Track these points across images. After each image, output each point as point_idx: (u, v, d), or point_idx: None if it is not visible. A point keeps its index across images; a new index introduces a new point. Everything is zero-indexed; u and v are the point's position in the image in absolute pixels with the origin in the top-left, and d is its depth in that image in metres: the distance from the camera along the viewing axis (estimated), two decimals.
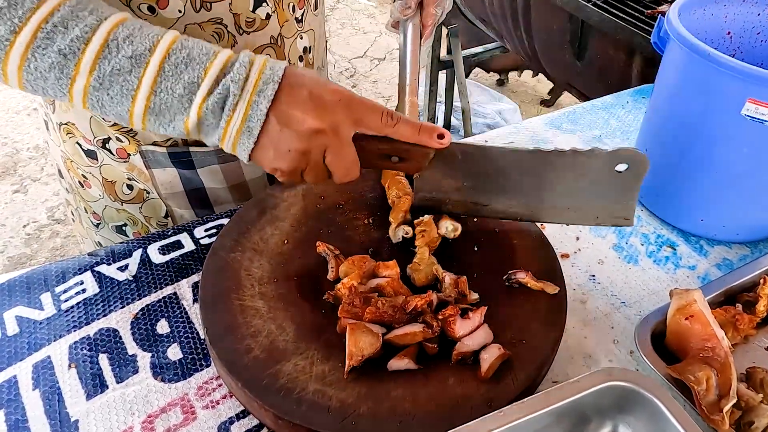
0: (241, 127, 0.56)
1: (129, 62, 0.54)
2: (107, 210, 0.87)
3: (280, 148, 0.57)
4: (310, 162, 0.59)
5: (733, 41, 0.86)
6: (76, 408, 0.59)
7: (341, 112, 0.58)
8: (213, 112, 0.55)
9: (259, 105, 0.55)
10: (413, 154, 0.63)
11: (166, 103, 0.55)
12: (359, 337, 0.57)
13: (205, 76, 0.55)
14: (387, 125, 0.60)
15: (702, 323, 0.61)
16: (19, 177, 2.65)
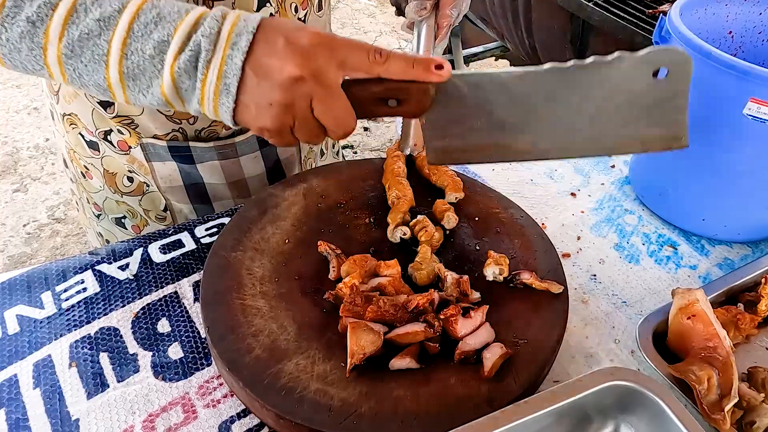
0: (218, 86, 0.52)
1: (97, 25, 0.51)
2: (107, 201, 0.87)
3: (260, 103, 0.53)
4: (296, 116, 0.54)
5: (735, 41, 0.86)
6: (76, 407, 0.59)
7: (323, 56, 0.53)
8: (186, 71, 0.52)
9: (234, 59, 0.52)
10: (411, 93, 0.56)
11: (139, 66, 0.52)
12: (360, 336, 0.57)
13: (175, 34, 0.51)
14: (376, 63, 0.54)
15: (704, 322, 0.60)
16: (20, 176, 2.65)
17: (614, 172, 0.94)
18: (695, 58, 0.71)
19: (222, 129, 0.81)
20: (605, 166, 0.95)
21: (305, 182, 0.78)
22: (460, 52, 2.26)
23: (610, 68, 0.55)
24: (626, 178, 0.92)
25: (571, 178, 0.92)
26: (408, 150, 0.82)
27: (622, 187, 0.91)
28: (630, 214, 0.86)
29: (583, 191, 0.90)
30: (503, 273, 0.67)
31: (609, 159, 0.96)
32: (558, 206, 0.87)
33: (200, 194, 0.84)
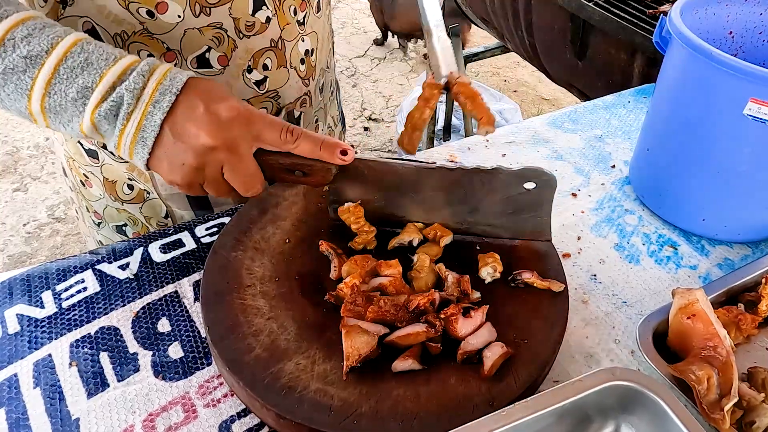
0: (135, 137, 0.56)
1: (24, 62, 0.53)
2: (108, 209, 0.87)
3: (174, 161, 0.57)
4: (206, 177, 0.59)
5: (735, 41, 0.86)
6: (77, 406, 0.59)
7: (238, 129, 0.57)
8: (107, 118, 0.55)
9: (154, 116, 0.55)
10: (315, 170, 0.62)
11: (60, 105, 0.55)
12: (354, 338, 0.57)
13: (100, 82, 0.54)
14: (287, 142, 0.59)
15: (704, 322, 0.60)
16: (20, 175, 2.65)
17: (614, 172, 0.94)
18: (696, 58, 0.71)
19: None
20: (605, 166, 0.95)
21: None
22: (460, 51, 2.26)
23: (490, 175, 0.65)
24: (626, 179, 0.92)
25: (571, 178, 0.92)
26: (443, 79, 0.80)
27: (622, 187, 0.91)
28: (630, 214, 0.86)
29: (583, 191, 0.90)
30: (498, 269, 0.67)
31: (609, 159, 0.97)
32: (558, 206, 0.87)
33: (201, 200, 0.84)
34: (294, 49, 0.78)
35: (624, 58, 1.42)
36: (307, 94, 0.85)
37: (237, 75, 0.74)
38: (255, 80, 0.76)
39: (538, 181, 0.65)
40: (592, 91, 1.61)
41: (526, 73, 3.44)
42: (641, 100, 1.11)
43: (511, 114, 2.72)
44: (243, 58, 0.73)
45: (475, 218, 0.70)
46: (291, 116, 0.84)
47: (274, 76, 0.77)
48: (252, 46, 0.73)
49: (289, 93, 0.81)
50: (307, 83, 0.83)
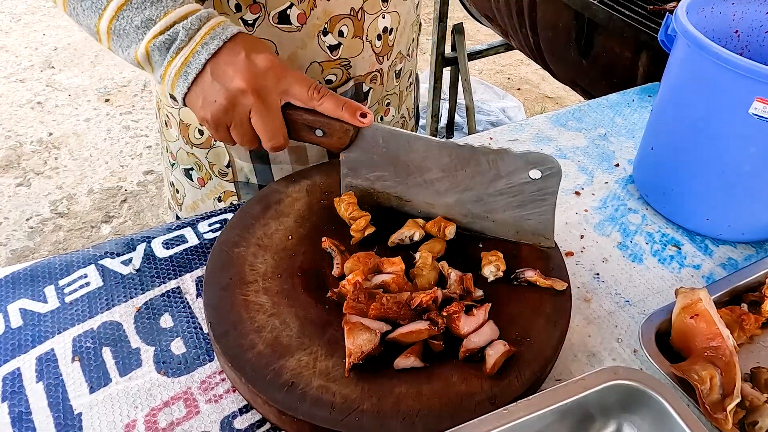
0: (180, 71, 0.62)
1: None
2: (180, 152, 0.92)
3: (208, 98, 0.63)
4: (234, 119, 0.64)
5: (741, 40, 0.85)
6: (79, 401, 0.59)
7: (270, 79, 0.63)
8: (159, 50, 0.62)
9: (200, 55, 0.62)
10: (335, 129, 0.66)
11: (124, 30, 0.62)
12: (357, 335, 0.57)
13: (164, 17, 0.61)
14: (312, 98, 0.64)
15: (707, 322, 0.60)
16: (23, 170, 2.66)
17: (618, 170, 0.94)
18: (701, 57, 0.71)
19: None
20: (609, 165, 0.95)
21: (308, 179, 0.78)
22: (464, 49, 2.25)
23: (494, 155, 0.65)
24: (630, 177, 0.92)
25: (575, 176, 0.92)
26: None
27: (626, 186, 0.91)
28: (634, 213, 0.86)
29: (586, 190, 0.90)
30: (501, 268, 0.66)
31: (613, 157, 0.96)
32: (561, 204, 0.87)
33: (261, 155, 0.86)
34: (373, 23, 0.80)
35: (629, 56, 1.41)
36: (379, 72, 0.86)
37: (312, 35, 0.76)
38: (329, 44, 0.78)
39: (544, 169, 0.64)
40: (596, 89, 1.60)
41: (529, 71, 3.43)
42: (646, 99, 1.10)
43: (514, 112, 2.72)
44: (320, 18, 0.75)
45: (479, 209, 0.69)
46: (360, 89, 0.85)
47: (348, 44, 0.79)
48: (331, 9, 0.75)
49: (361, 65, 0.83)
50: (381, 60, 0.85)
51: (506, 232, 0.70)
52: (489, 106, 2.73)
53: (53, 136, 2.84)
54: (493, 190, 0.67)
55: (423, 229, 0.70)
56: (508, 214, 0.68)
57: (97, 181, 2.58)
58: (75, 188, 2.56)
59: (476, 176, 0.67)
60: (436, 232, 0.70)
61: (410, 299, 0.60)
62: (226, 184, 0.91)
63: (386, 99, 0.92)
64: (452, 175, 0.68)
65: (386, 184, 0.71)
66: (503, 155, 0.65)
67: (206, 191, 0.93)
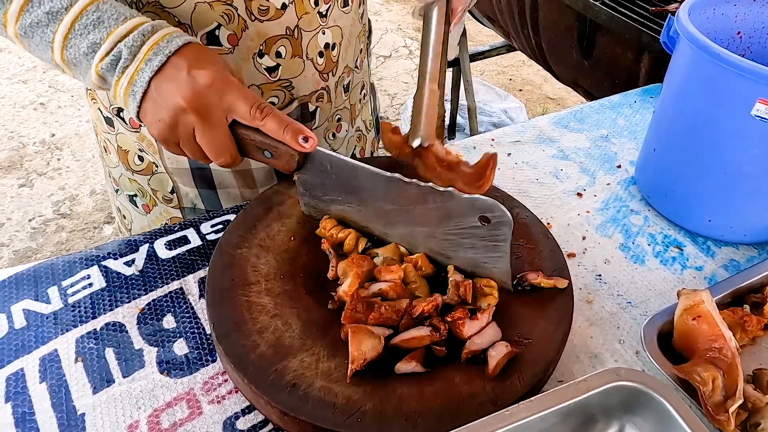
0: (127, 90, 0.62)
1: (46, 17, 0.60)
2: (122, 178, 0.90)
3: (154, 116, 0.62)
4: (180, 137, 0.63)
5: (743, 41, 0.85)
6: (82, 401, 0.59)
7: (212, 97, 0.61)
8: (108, 71, 0.61)
9: (144, 73, 0.61)
10: (281, 153, 0.64)
11: (75, 58, 0.62)
12: (362, 340, 0.56)
13: (107, 39, 0.60)
14: (255, 118, 0.62)
15: (709, 323, 0.60)
16: (25, 171, 2.66)
17: (620, 172, 0.94)
18: (703, 58, 0.71)
19: None
20: (611, 166, 0.95)
21: None
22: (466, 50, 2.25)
23: (443, 197, 0.62)
24: (632, 179, 0.92)
25: (577, 177, 0.92)
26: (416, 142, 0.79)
27: (628, 187, 0.91)
28: (636, 214, 0.86)
29: (588, 191, 0.90)
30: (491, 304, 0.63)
31: (615, 159, 0.96)
32: (563, 206, 0.87)
33: (206, 180, 0.85)
34: (312, 40, 0.77)
35: (630, 57, 1.41)
36: (325, 89, 0.83)
37: (247, 58, 0.74)
38: (266, 66, 0.76)
39: (492, 216, 0.60)
40: (598, 90, 1.60)
41: (531, 72, 3.43)
42: (648, 100, 1.10)
43: (516, 113, 2.72)
44: (254, 40, 0.73)
45: (433, 245, 0.66)
46: (305, 109, 0.83)
47: (287, 64, 0.77)
48: (265, 30, 0.73)
49: (304, 85, 0.80)
50: (326, 77, 0.82)
51: (465, 268, 0.66)
52: (491, 107, 2.73)
53: (56, 137, 2.85)
54: (444, 229, 0.64)
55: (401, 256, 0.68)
56: (462, 255, 0.65)
57: (100, 182, 2.59)
58: (77, 189, 2.57)
59: (426, 213, 0.64)
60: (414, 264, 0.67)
61: (411, 308, 0.60)
62: (172, 210, 0.88)
63: (336, 115, 0.89)
64: (403, 208, 0.65)
65: (340, 208, 0.69)
66: (449, 197, 0.61)
67: (152, 217, 0.91)
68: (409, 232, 0.67)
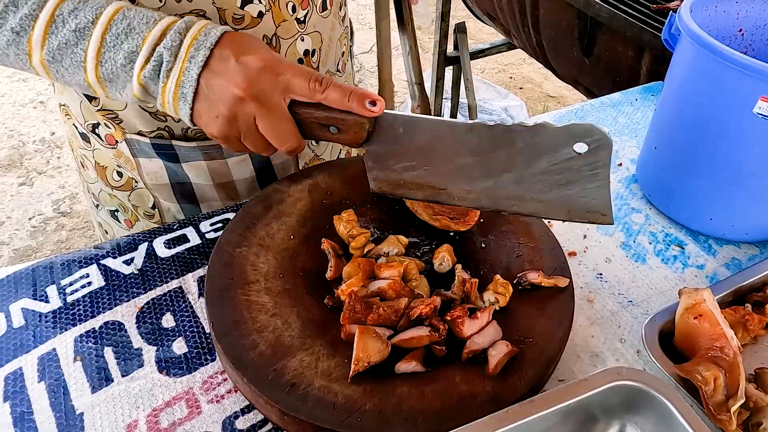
0: (176, 93, 0.58)
1: (74, 35, 0.57)
2: (102, 194, 0.88)
3: (210, 114, 0.59)
4: (241, 129, 0.60)
5: (745, 39, 0.85)
6: (81, 401, 0.59)
7: (267, 80, 0.58)
8: (152, 79, 0.58)
9: (190, 71, 0.57)
10: (348, 124, 0.61)
11: (113, 73, 0.58)
12: (368, 343, 0.56)
13: (143, 45, 0.57)
14: (316, 91, 0.59)
15: (711, 322, 0.60)
16: (25, 170, 2.66)
17: (621, 170, 0.93)
18: (705, 56, 0.70)
19: None
20: (612, 165, 0.94)
21: (311, 178, 0.78)
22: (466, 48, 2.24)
23: (532, 134, 0.58)
24: (633, 177, 0.92)
25: None
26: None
27: (629, 185, 0.90)
28: (637, 212, 0.86)
29: None
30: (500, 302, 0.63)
31: (616, 157, 0.96)
32: None
33: (187, 194, 0.83)
34: (291, 47, 0.75)
35: (631, 55, 1.41)
36: None
37: None
38: None
39: (590, 141, 0.56)
40: (598, 88, 1.60)
41: (532, 70, 3.42)
42: (649, 98, 1.10)
43: (516, 111, 2.71)
44: None
45: (522, 192, 0.62)
46: None
47: None
48: None
49: None
50: None
51: (557, 213, 0.62)
52: (491, 105, 2.72)
53: (56, 135, 2.85)
54: (535, 169, 0.59)
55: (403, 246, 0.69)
56: (555, 194, 0.60)
57: None
58: (77, 188, 2.56)
59: (513, 157, 0.59)
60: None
61: (410, 310, 0.59)
62: (154, 226, 0.85)
63: None
64: (486, 157, 0.60)
65: (416, 174, 0.64)
66: (540, 131, 0.57)
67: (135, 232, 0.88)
68: (493, 183, 0.62)
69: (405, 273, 0.64)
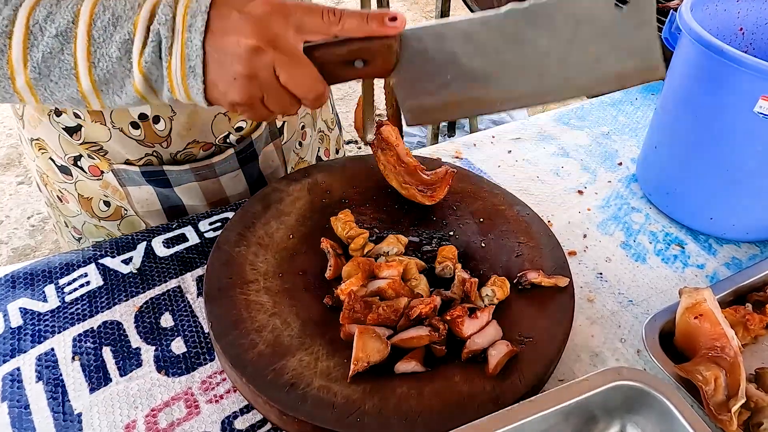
0: (184, 70, 0.52)
1: (57, 41, 0.51)
2: (86, 226, 0.84)
3: (226, 79, 0.53)
4: (263, 86, 0.54)
5: (746, 37, 0.85)
6: (79, 401, 0.59)
7: (277, 22, 0.53)
8: (154, 63, 0.52)
9: (193, 40, 0.51)
10: (375, 51, 0.55)
11: (109, 71, 0.52)
12: (367, 343, 0.56)
13: (136, 30, 0.51)
14: (331, 23, 0.54)
15: (711, 322, 0.60)
16: (24, 168, 2.66)
17: (621, 169, 0.93)
18: (706, 54, 0.70)
19: (199, 150, 0.77)
20: (612, 164, 0.94)
21: (309, 177, 0.78)
22: None
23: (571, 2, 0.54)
24: (633, 176, 0.92)
25: (577, 175, 0.92)
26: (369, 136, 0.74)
27: (629, 184, 0.90)
28: (637, 212, 0.86)
29: (589, 189, 0.89)
30: (497, 296, 0.63)
31: (616, 156, 0.96)
32: (564, 204, 0.86)
33: (180, 216, 0.81)
34: None
35: None
36: None
37: None
38: None
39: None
40: None
41: None
42: (649, 97, 1.10)
43: (516, 111, 2.71)
44: None
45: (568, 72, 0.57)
46: (273, 126, 0.82)
47: None
48: None
49: None
50: None
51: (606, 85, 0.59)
52: None
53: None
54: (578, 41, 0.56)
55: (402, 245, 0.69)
56: (603, 63, 0.57)
57: None
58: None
59: (554, 34, 0.56)
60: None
61: (408, 309, 0.59)
62: None
63: (300, 123, 0.88)
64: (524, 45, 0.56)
65: (453, 88, 0.59)
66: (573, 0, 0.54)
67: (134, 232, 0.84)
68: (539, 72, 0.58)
69: (404, 272, 0.64)
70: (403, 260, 0.65)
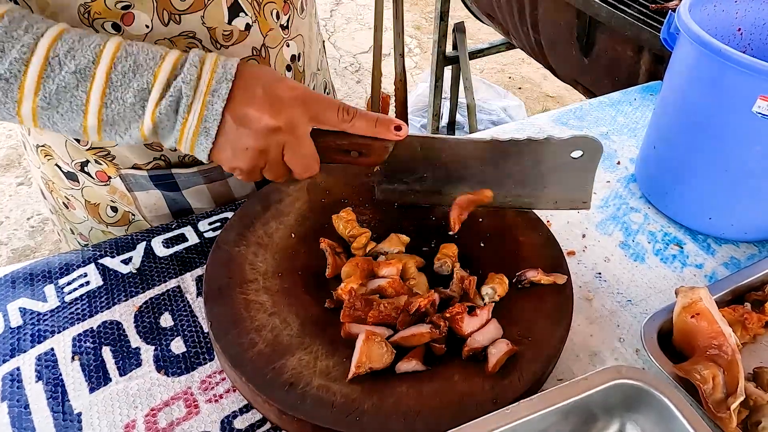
0: (198, 129, 0.56)
1: (74, 78, 0.53)
2: (93, 232, 0.85)
3: (237, 147, 0.57)
4: (268, 160, 0.59)
5: (744, 37, 0.85)
6: (79, 401, 0.59)
7: (297, 109, 0.57)
8: (167, 115, 0.55)
9: (214, 105, 0.55)
10: (373, 149, 0.63)
11: (118, 114, 0.55)
12: (372, 348, 0.56)
13: (155, 81, 0.54)
14: (344, 121, 0.59)
15: (708, 321, 0.60)
16: (24, 169, 2.66)
17: (620, 169, 0.93)
18: (704, 55, 0.70)
19: None
20: (611, 164, 0.94)
21: None
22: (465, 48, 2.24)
23: (539, 145, 0.65)
24: (632, 176, 0.92)
25: None
26: None
27: (628, 184, 0.90)
28: (636, 212, 0.86)
29: None
30: (498, 293, 0.64)
31: (614, 156, 0.96)
32: None
33: None
34: (279, 55, 0.74)
35: (631, 54, 1.41)
36: None
37: None
38: None
39: (585, 148, 0.65)
40: (598, 88, 1.60)
41: (531, 69, 3.42)
42: (648, 98, 1.10)
43: (515, 111, 2.71)
44: None
45: (519, 191, 0.70)
46: None
47: None
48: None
49: None
50: None
51: (546, 204, 0.71)
52: (490, 105, 2.72)
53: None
54: (535, 172, 0.68)
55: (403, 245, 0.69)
56: (547, 191, 0.70)
57: None
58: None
59: (518, 164, 0.67)
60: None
61: (408, 304, 0.59)
62: None
63: None
64: (494, 166, 0.67)
65: (426, 183, 0.69)
66: (547, 144, 0.65)
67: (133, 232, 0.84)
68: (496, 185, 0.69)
69: (403, 271, 0.64)
70: (402, 258, 0.65)
